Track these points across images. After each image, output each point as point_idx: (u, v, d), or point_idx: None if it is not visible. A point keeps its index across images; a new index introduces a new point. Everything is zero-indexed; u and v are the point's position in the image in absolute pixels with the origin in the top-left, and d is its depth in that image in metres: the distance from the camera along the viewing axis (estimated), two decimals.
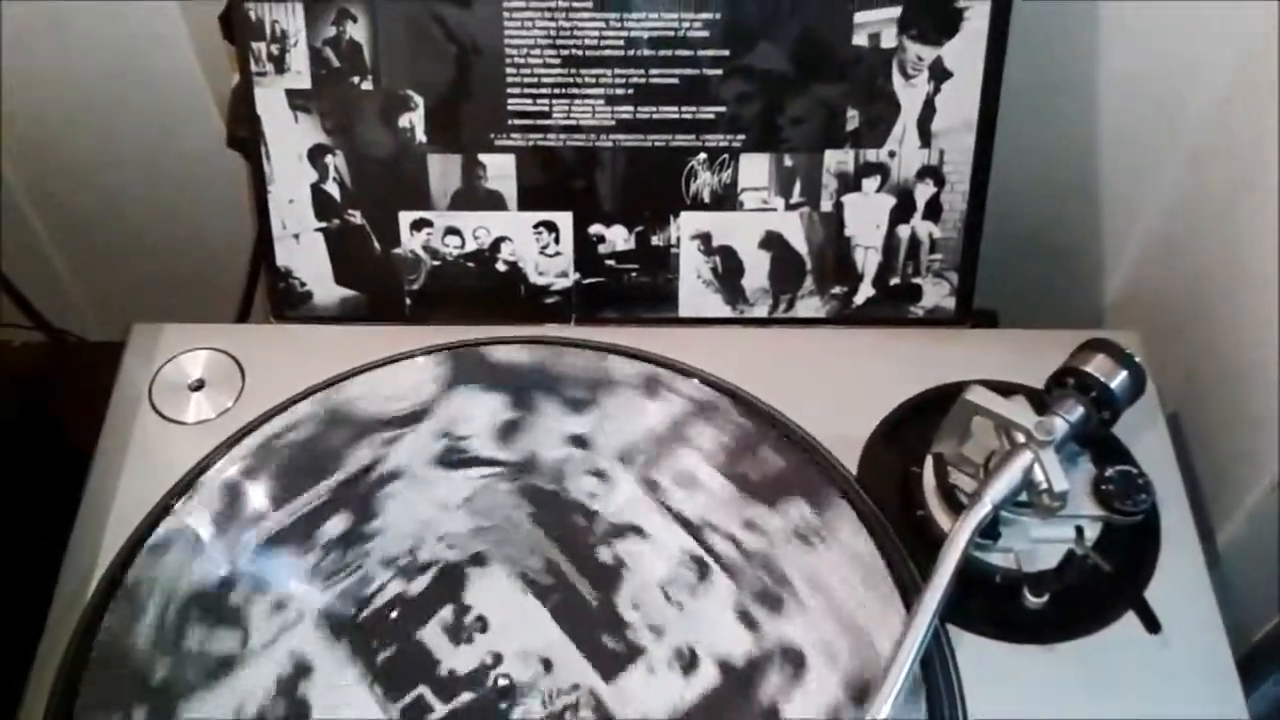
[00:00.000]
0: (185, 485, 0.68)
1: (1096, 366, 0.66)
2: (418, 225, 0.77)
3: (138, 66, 0.87)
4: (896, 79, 0.73)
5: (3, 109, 0.89)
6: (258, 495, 0.68)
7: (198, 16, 0.81)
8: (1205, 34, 0.76)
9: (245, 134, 0.76)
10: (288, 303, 0.78)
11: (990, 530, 0.64)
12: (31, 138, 0.92)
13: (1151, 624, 0.65)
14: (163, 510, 0.67)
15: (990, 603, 0.65)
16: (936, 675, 0.62)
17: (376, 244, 0.77)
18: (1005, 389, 0.71)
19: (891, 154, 0.75)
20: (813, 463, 0.70)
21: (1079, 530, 0.66)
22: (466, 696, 0.61)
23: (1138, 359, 0.66)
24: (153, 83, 0.88)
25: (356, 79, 0.73)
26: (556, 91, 0.73)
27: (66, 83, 0.89)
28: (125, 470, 0.71)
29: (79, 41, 0.86)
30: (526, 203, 0.76)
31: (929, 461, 0.69)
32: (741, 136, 0.74)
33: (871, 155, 0.75)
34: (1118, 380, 0.66)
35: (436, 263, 0.78)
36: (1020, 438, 0.64)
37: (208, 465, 0.69)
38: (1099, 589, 0.66)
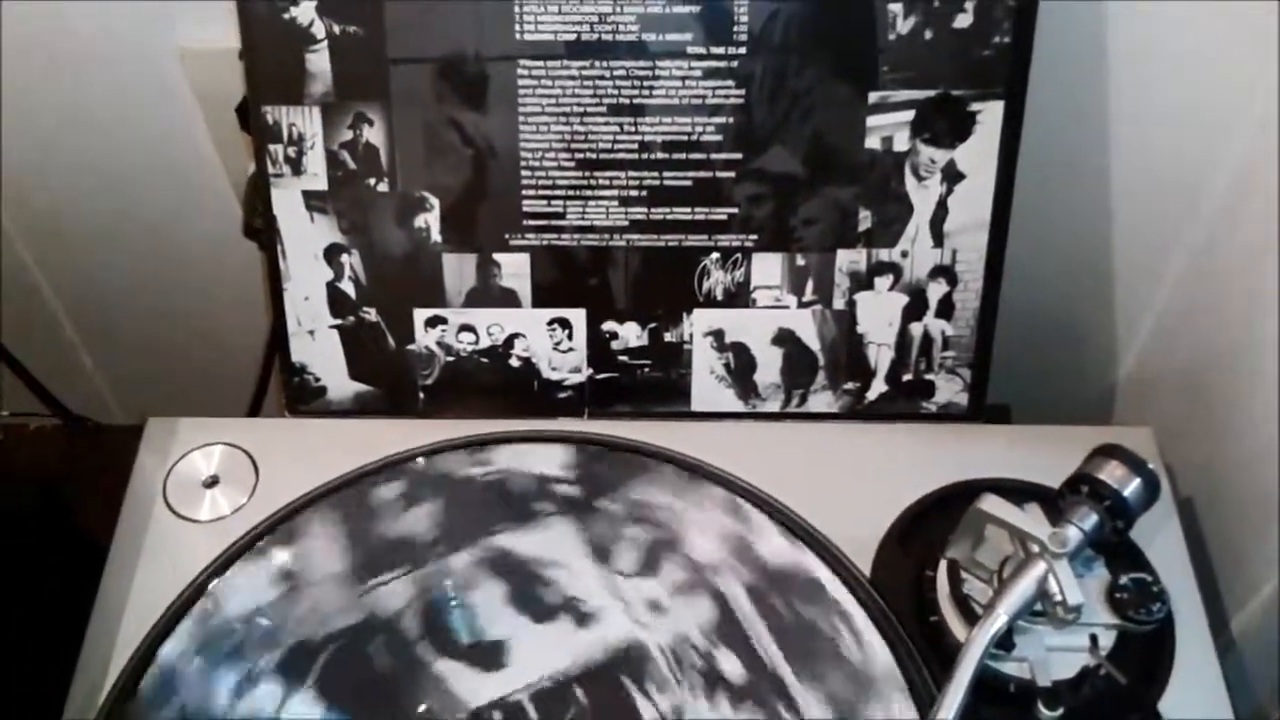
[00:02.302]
0: (199, 588, 0.68)
1: (1110, 474, 0.66)
2: (432, 322, 0.77)
3: (155, 152, 0.88)
4: (909, 181, 0.73)
5: (20, 195, 0.90)
6: (271, 599, 0.69)
7: (214, 106, 0.82)
8: (1215, 123, 0.76)
9: (261, 225, 0.77)
10: (302, 397, 0.79)
11: (1005, 641, 0.63)
12: (50, 224, 0.93)
13: None
14: (177, 614, 0.67)
15: (1003, 712, 0.65)
16: None
17: (391, 340, 0.77)
18: (1018, 488, 0.72)
19: (904, 254, 0.75)
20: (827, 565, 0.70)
21: (1093, 638, 0.65)
22: None
23: (1151, 465, 0.66)
24: (171, 169, 0.89)
25: (373, 181, 0.73)
26: (571, 193, 0.74)
27: (85, 169, 0.90)
28: (139, 571, 0.71)
29: (98, 130, 0.87)
30: (540, 300, 0.76)
31: (943, 566, 0.68)
32: (754, 236, 0.75)
33: (884, 255, 0.75)
34: (1131, 488, 0.65)
35: (450, 358, 0.78)
36: (1034, 547, 0.64)
37: (222, 569, 0.69)
38: (1113, 699, 0.65)
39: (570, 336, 0.77)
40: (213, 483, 0.75)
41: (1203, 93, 0.76)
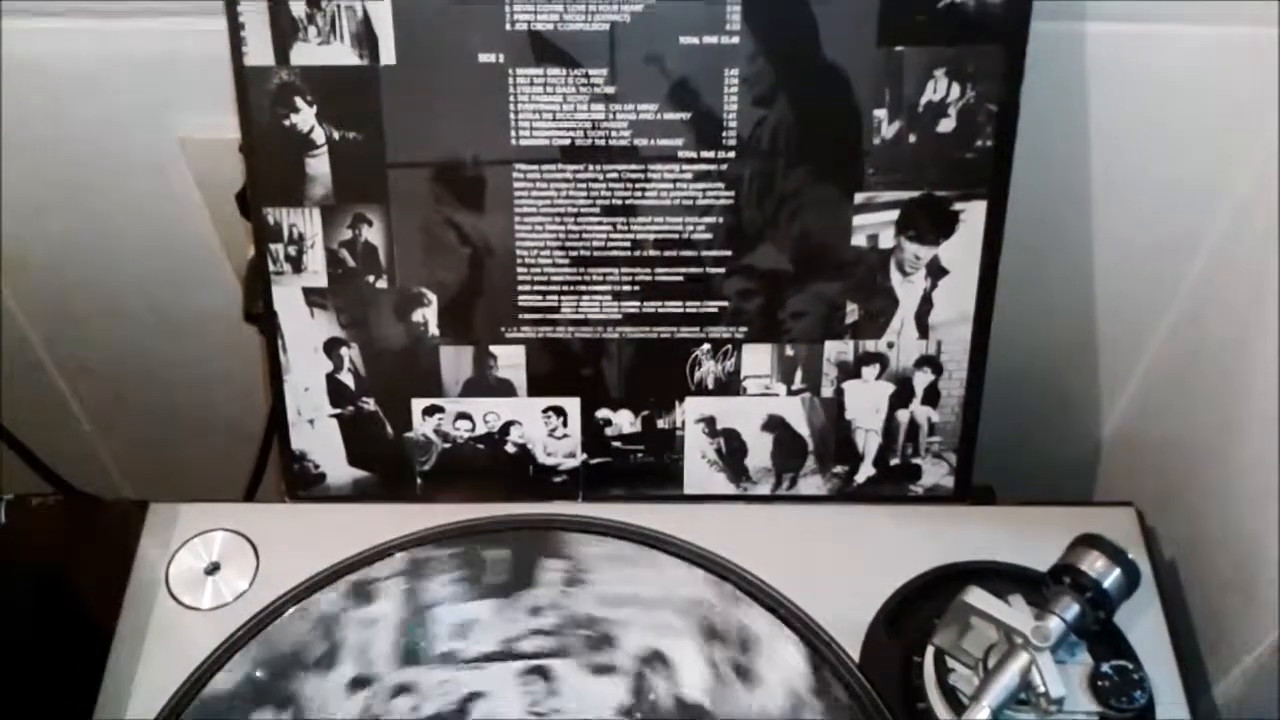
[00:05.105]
0: (201, 679, 0.70)
1: (1091, 565, 0.67)
2: (429, 411, 0.79)
3: (158, 236, 0.89)
4: (895, 276, 0.75)
5: (25, 275, 0.92)
6: (272, 689, 0.70)
7: (215, 192, 0.83)
8: (1197, 202, 0.78)
9: (260, 310, 0.78)
10: (302, 484, 0.80)
11: None
12: (55, 304, 0.95)
13: None
14: (179, 706, 0.69)
15: None
16: None
17: (389, 428, 0.79)
18: (1004, 572, 0.74)
19: (890, 344, 0.77)
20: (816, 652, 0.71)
21: None
22: None
23: (1131, 555, 0.68)
24: (172, 253, 0.90)
25: (372, 278, 0.75)
26: (565, 289, 0.75)
27: (88, 251, 0.91)
28: (142, 663, 0.72)
29: (101, 213, 0.88)
30: (536, 389, 0.78)
31: (929, 653, 0.70)
32: (744, 328, 0.77)
33: (871, 345, 0.77)
34: (1112, 579, 0.67)
35: (447, 445, 0.80)
36: (1018, 640, 0.65)
37: (223, 659, 0.71)
38: None
39: (565, 424, 0.79)
40: (214, 569, 0.76)
41: (1184, 172, 0.78)
